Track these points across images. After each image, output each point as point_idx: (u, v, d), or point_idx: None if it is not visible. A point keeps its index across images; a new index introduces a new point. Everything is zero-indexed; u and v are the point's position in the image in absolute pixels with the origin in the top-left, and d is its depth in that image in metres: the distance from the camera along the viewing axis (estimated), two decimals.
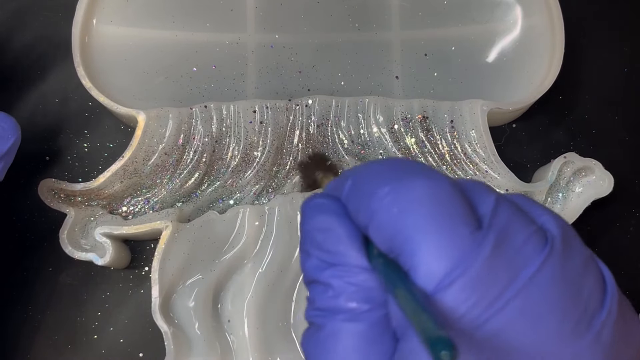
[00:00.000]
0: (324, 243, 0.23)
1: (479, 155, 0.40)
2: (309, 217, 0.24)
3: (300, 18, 0.44)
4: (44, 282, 0.40)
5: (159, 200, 0.40)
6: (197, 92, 0.43)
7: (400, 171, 0.22)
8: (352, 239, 0.22)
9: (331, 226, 0.23)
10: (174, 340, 0.36)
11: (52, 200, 0.40)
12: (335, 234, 0.22)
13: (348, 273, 0.22)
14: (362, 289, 0.22)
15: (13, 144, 0.35)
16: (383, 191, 0.21)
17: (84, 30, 0.42)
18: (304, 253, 0.24)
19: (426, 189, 0.21)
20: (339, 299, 0.22)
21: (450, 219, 0.20)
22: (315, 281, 0.23)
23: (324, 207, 0.23)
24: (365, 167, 0.23)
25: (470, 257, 0.19)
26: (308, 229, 0.23)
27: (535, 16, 0.43)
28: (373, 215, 0.21)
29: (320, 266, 0.23)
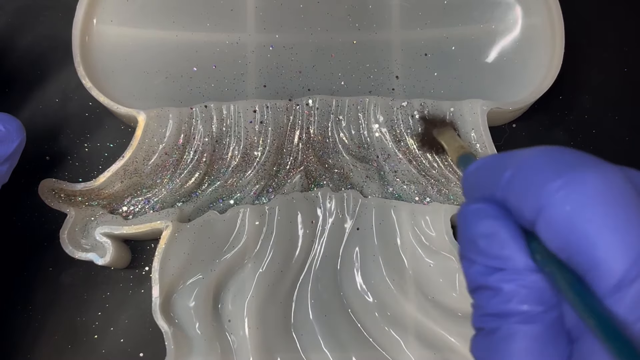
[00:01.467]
0: (489, 249, 0.22)
1: (479, 154, 0.40)
2: (469, 224, 0.23)
3: (300, 18, 0.44)
4: (44, 282, 0.40)
5: (159, 200, 0.40)
6: (197, 92, 0.43)
7: (567, 162, 0.21)
8: (516, 241, 0.22)
9: (493, 231, 0.22)
10: (175, 340, 0.36)
11: (52, 200, 0.40)
12: (498, 239, 0.22)
13: (518, 276, 0.21)
14: (534, 291, 0.21)
15: (18, 146, 0.35)
16: (554, 185, 0.20)
17: (84, 30, 0.42)
18: (466, 260, 0.23)
19: (601, 181, 0.20)
20: (511, 303, 0.21)
21: (628, 213, 0.19)
22: (482, 287, 0.22)
23: (483, 212, 0.22)
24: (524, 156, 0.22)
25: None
26: (469, 236, 0.23)
27: (535, 16, 0.43)
28: (543, 211, 0.20)
29: (486, 272, 0.22)
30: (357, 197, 0.39)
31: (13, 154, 0.35)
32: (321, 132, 0.41)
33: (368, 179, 0.40)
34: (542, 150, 0.22)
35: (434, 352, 0.37)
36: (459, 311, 0.38)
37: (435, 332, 0.37)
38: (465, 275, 0.23)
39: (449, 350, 0.37)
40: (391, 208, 0.39)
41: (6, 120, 0.35)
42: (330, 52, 0.44)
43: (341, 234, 0.39)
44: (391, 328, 0.38)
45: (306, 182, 0.41)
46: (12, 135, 0.35)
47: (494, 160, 0.23)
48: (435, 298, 0.38)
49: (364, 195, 0.40)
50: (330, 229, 0.39)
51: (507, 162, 0.22)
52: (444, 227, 0.38)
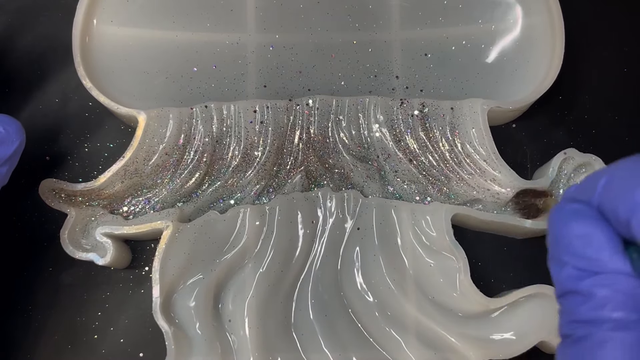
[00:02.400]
0: (584, 250, 0.21)
1: (480, 154, 0.40)
2: (563, 223, 0.22)
3: (300, 18, 0.44)
4: (44, 282, 0.40)
5: (159, 200, 0.40)
6: (197, 92, 0.43)
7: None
8: (614, 244, 0.21)
9: (590, 232, 0.21)
10: (175, 340, 0.36)
11: (52, 201, 0.40)
12: (595, 240, 0.21)
13: (614, 281, 0.21)
14: (630, 297, 0.20)
15: (18, 148, 0.35)
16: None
17: (84, 31, 0.42)
18: (556, 262, 0.22)
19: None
20: (604, 309, 0.21)
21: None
22: (573, 292, 0.22)
23: (579, 213, 0.22)
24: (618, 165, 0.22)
25: None
26: (563, 235, 0.22)
27: (535, 16, 0.43)
28: (637, 210, 0.20)
29: (579, 275, 0.21)
30: (357, 197, 0.39)
31: (13, 155, 0.35)
32: (321, 132, 0.41)
33: (368, 178, 0.40)
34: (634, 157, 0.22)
35: (434, 352, 0.37)
36: (459, 311, 0.38)
37: (436, 332, 0.37)
38: (553, 279, 0.22)
39: (449, 350, 0.37)
40: (392, 208, 0.39)
41: (6, 122, 0.35)
42: (331, 52, 0.44)
43: (342, 234, 0.39)
44: (391, 328, 0.38)
45: (306, 182, 0.41)
46: (12, 136, 0.35)
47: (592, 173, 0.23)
48: (436, 298, 0.38)
49: (365, 195, 0.40)
50: (330, 229, 0.39)
51: (603, 171, 0.22)
52: (445, 227, 0.38)
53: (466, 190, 0.40)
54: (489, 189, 0.40)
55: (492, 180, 0.40)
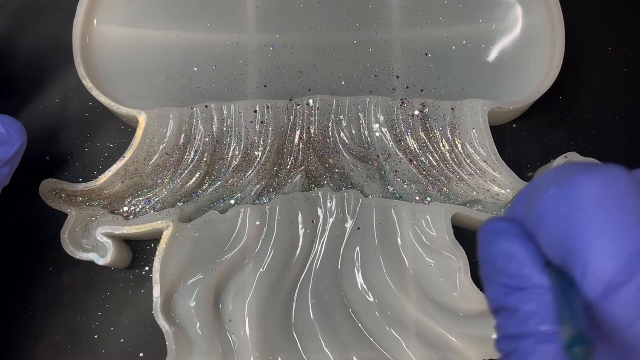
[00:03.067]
0: (507, 267, 0.22)
1: (480, 154, 0.40)
2: (488, 242, 0.23)
3: (300, 18, 0.44)
4: (44, 282, 0.40)
5: (160, 200, 0.40)
6: (197, 92, 0.43)
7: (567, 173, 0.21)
8: (534, 260, 0.21)
9: (512, 249, 0.22)
10: (175, 340, 0.36)
11: (53, 201, 0.40)
12: (517, 257, 0.22)
13: (536, 295, 0.21)
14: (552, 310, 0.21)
15: (19, 149, 0.35)
16: (549, 193, 0.20)
17: (84, 31, 0.42)
18: (486, 280, 0.23)
19: (597, 185, 0.20)
20: (529, 323, 0.21)
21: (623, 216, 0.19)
22: (502, 308, 0.22)
23: (502, 231, 0.22)
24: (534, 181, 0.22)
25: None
26: (488, 254, 0.23)
27: (535, 16, 0.43)
28: (540, 219, 0.20)
29: (506, 292, 0.22)
30: (357, 196, 0.39)
31: (14, 156, 0.35)
32: (322, 131, 0.41)
33: (368, 178, 0.40)
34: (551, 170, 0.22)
35: (434, 351, 0.37)
36: (459, 311, 0.38)
37: (436, 332, 0.37)
38: (486, 298, 0.23)
39: (449, 349, 0.37)
40: (392, 208, 0.39)
41: (7, 123, 0.35)
42: (331, 52, 0.44)
43: (342, 234, 0.39)
44: (392, 328, 0.38)
45: (307, 182, 0.41)
46: (13, 137, 0.35)
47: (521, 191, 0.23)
48: (436, 297, 0.38)
49: (365, 195, 0.40)
50: (330, 229, 0.39)
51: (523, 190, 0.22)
52: (445, 227, 0.38)
53: (466, 190, 0.40)
54: (489, 189, 0.40)
55: (492, 181, 0.40)
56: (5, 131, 0.34)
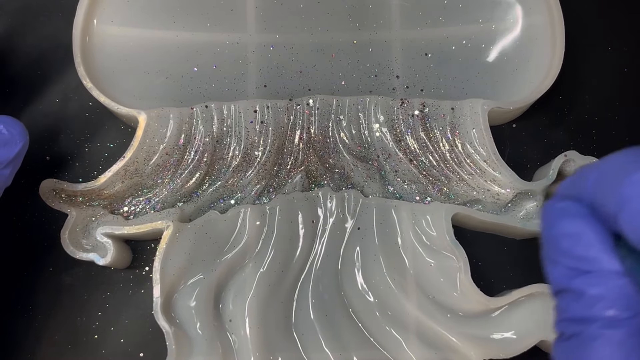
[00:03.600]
0: (574, 249, 0.21)
1: (480, 154, 0.40)
2: (553, 222, 0.22)
3: (300, 18, 0.44)
4: (44, 282, 0.40)
5: (160, 200, 0.40)
6: (197, 92, 0.43)
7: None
8: (603, 243, 0.21)
9: (579, 230, 0.21)
10: (176, 340, 0.36)
11: (53, 201, 0.40)
12: (584, 239, 0.21)
13: (604, 279, 0.21)
14: (621, 295, 0.21)
15: (21, 150, 0.35)
16: (636, 176, 0.20)
17: (84, 31, 0.42)
18: (549, 261, 0.22)
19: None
20: (596, 307, 0.21)
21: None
22: (565, 290, 0.22)
23: (568, 211, 0.22)
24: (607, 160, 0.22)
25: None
26: (553, 235, 0.22)
27: (535, 15, 0.43)
28: (625, 203, 0.20)
29: (571, 274, 0.21)
30: (357, 196, 0.39)
31: (16, 157, 0.35)
32: (322, 132, 0.41)
33: (369, 178, 0.40)
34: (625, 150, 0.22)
35: (434, 351, 0.37)
36: (459, 311, 0.38)
37: (436, 332, 0.37)
38: (549, 278, 0.23)
39: (449, 349, 0.37)
40: (392, 208, 0.39)
41: (9, 124, 0.35)
42: (331, 52, 0.44)
43: (342, 234, 0.39)
44: (392, 327, 0.38)
45: (307, 182, 0.41)
46: (15, 138, 0.35)
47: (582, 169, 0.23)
48: (436, 297, 0.38)
49: (365, 195, 0.40)
50: (330, 229, 0.39)
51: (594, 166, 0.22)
52: (445, 227, 0.38)
53: (466, 190, 0.40)
54: (489, 189, 0.40)
55: (492, 181, 0.40)
56: (7, 132, 0.34)
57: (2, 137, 0.34)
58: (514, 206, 0.40)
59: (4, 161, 0.34)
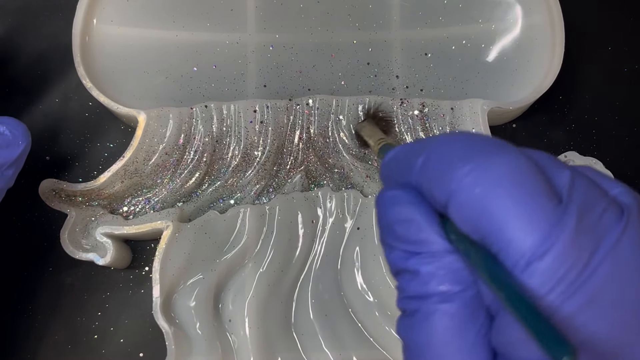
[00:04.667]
0: (405, 234, 0.23)
1: None
2: (385, 210, 0.24)
3: (300, 18, 0.44)
4: (44, 282, 0.40)
5: (159, 200, 0.40)
6: (197, 91, 0.43)
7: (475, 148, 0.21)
8: (431, 225, 0.22)
9: (408, 216, 0.23)
10: (175, 340, 0.36)
11: (53, 200, 0.40)
12: (414, 224, 0.23)
13: (434, 258, 0.22)
14: (451, 271, 0.22)
15: (23, 151, 0.35)
16: (462, 171, 0.21)
17: (84, 30, 0.42)
18: (386, 246, 0.24)
19: (506, 166, 0.21)
20: (430, 284, 0.22)
21: (534, 195, 0.20)
22: (403, 270, 0.23)
23: (397, 199, 0.23)
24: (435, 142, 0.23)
25: (557, 230, 0.19)
26: (386, 222, 0.24)
27: (535, 16, 0.43)
28: (453, 196, 0.21)
29: (405, 256, 0.23)
30: (357, 196, 0.39)
31: (18, 158, 0.35)
32: (321, 131, 0.41)
33: (368, 178, 0.40)
34: (451, 136, 0.23)
35: None
36: None
37: None
38: (387, 260, 0.24)
39: None
40: None
41: (12, 125, 0.35)
42: (331, 52, 0.44)
43: (342, 234, 0.39)
44: (392, 327, 0.38)
45: (306, 182, 0.41)
46: (18, 139, 0.35)
47: (409, 147, 0.24)
48: None
49: (365, 195, 0.40)
50: (330, 229, 0.39)
51: (420, 149, 0.23)
52: None
53: None
54: None
55: None
56: (10, 133, 0.34)
57: (5, 138, 0.34)
58: None
59: (7, 162, 0.34)
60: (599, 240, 0.20)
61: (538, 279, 0.19)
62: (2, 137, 0.34)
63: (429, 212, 0.23)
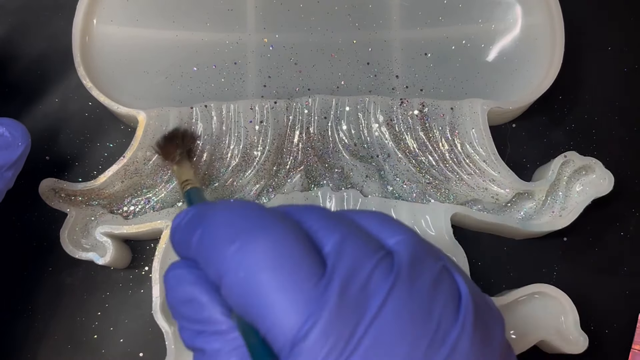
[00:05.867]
0: (189, 313, 0.23)
1: (480, 154, 0.40)
2: (170, 289, 0.24)
3: (300, 18, 0.44)
4: (44, 281, 0.40)
5: (159, 200, 0.40)
6: (197, 91, 0.43)
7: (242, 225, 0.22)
8: (214, 303, 0.23)
9: (191, 296, 0.23)
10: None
11: (52, 200, 0.40)
12: (197, 303, 0.23)
13: (219, 336, 0.22)
14: (237, 348, 0.22)
15: (23, 152, 0.35)
16: (229, 251, 0.21)
17: (84, 30, 0.42)
18: (177, 324, 0.24)
19: (270, 245, 0.21)
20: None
21: (294, 275, 0.20)
22: (193, 348, 0.23)
23: (181, 278, 0.24)
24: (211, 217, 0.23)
25: (317, 308, 0.20)
26: (172, 302, 0.24)
27: (535, 15, 0.43)
28: (223, 277, 0.21)
29: (192, 334, 0.23)
30: (357, 196, 0.39)
31: (18, 159, 0.35)
32: (321, 131, 0.41)
33: (368, 178, 0.40)
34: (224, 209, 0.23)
35: None
36: None
37: None
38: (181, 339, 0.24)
39: None
40: (391, 207, 0.39)
41: (11, 126, 0.35)
42: (330, 52, 0.44)
43: None
44: None
45: (306, 182, 0.41)
46: (18, 140, 0.35)
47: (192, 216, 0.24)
48: None
49: (364, 195, 0.40)
50: None
51: (197, 222, 0.23)
52: (444, 227, 0.38)
53: (465, 190, 0.40)
54: (488, 189, 0.40)
55: (491, 181, 0.40)
56: (9, 135, 0.34)
57: (4, 139, 0.34)
58: (513, 206, 0.40)
59: (7, 164, 0.34)
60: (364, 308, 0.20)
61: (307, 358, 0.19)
62: (2, 138, 0.34)
63: (211, 290, 0.23)
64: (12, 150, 0.34)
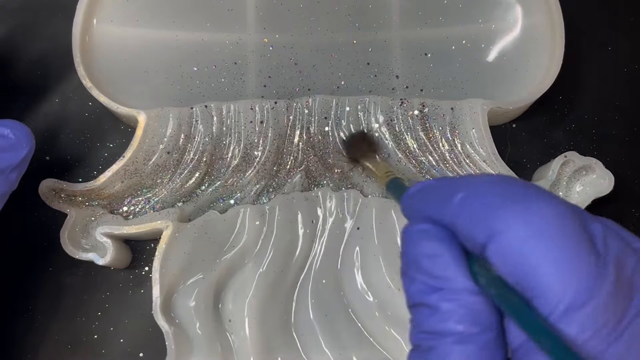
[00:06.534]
0: (431, 268, 0.23)
1: (480, 154, 0.40)
2: (413, 243, 0.24)
3: (300, 18, 0.44)
4: (44, 282, 0.40)
5: (159, 200, 0.40)
6: (197, 91, 0.43)
7: (521, 192, 0.22)
8: (459, 264, 0.22)
9: (437, 252, 0.23)
10: (175, 340, 0.36)
11: (52, 200, 0.40)
12: (442, 260, 0.23)
13: (456, 296, 0.22)
14: (471, 312, 0.22)
15: (27, 153, 0.35)
16: (509, 212, 0.21)
17: (84, 30, 0.42)
18: (407, 277, 0.24)
19: (554, 213, 0.21)
20: (448, 322, 0.22)
21: (577, 247, 0.21)
22: (421, 304, 0.23)
23: (428, 234, 0.23)
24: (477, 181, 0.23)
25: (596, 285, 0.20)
26: (413, 255, 0.23)
27: (535, 15, 0.43)
28: (495, 238, 0.21)
29: (427, 290, 0.23)
30: (357, 196, 0.39)
31: (22, 161, 0.35)
32: (321, 131, 0.41)
33: (368, 178, 0.40)
34: (495, 177, 0.23)
35: None
36: None
37: None
38: (405, 292, 0.24)
39: None
40: (391, 208, 0.39)
41: (16, 128, 0.34)
42: (331, 52, 0.44)
43: (341, 234, 0.39)
44: (392, 328, 0.38)
45: (306, 182, 0.41)
46: (22, 142, 0.34)
47: (443, 182, 0.24)
48: None
49: (364, 195, 0.40)
50: (330, 229, 0.39)
51: (458, 186, 0.23)
52: None
53: None
54: None
55: None
56: (14, 136, 0.34)
57: (9, 141, 0.34)
58: None
59: (11, 165, 0.34)
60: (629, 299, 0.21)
61: (576, 327, 0.20)
62: (6, 140, 0.34)
63: (458, 251, 0.23)
64: (17, 152, 0.34)
